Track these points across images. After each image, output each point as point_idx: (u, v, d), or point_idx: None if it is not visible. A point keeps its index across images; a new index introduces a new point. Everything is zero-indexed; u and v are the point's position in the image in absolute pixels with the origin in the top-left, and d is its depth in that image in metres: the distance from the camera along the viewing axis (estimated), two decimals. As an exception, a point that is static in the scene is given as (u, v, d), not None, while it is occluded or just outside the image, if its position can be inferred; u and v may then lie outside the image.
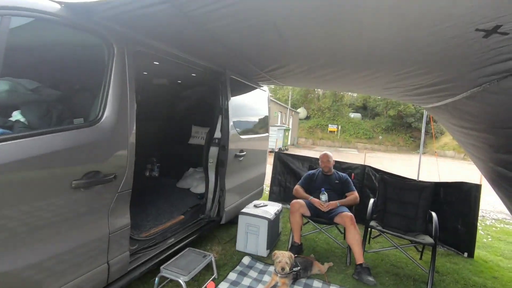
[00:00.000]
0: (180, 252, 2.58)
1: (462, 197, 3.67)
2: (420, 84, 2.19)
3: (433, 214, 3.12)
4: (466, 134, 2.70)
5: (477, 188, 3.57)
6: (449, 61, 1.68)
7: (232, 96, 3.26)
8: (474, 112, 2.07)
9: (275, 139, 15.83)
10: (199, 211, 3.21)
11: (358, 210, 4.14)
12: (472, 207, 3.59)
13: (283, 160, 5.11)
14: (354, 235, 2.85)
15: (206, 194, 3.23)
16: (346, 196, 3.41)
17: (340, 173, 3.62)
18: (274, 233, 3.35)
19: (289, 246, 3.25)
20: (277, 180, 5.14)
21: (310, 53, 2.13)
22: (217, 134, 3.18)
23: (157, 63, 2.88)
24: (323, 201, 3.25)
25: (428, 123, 23.87)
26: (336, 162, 4.60)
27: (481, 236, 4.40)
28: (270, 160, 4.90)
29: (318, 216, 3.26)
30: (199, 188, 3.82)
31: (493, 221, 5.51)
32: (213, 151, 3.18)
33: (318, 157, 3.90)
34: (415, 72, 1.98)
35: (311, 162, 4.75)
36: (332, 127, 27.13)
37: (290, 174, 5.04)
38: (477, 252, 3.63)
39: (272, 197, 5.13)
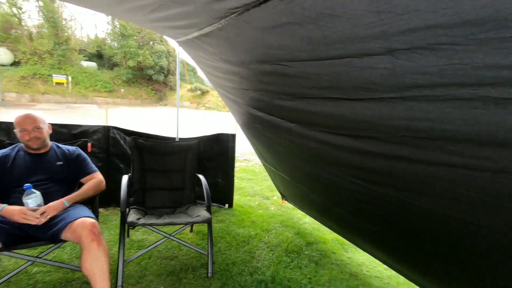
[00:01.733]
0: None
1: (220, 149, 3.47)
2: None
3: (202, 178, 2.57)
4: (228, 72, 2.18)
5: (232, 137, 3.47)
6: None
7: None
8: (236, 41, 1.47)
9: None
10: None
11: (111, 190, 2.89)
12: (229, 157, 3.50)
13: None
14: (97, 261, 1.60)
15: None
16: (81, 185, 2.02)
17: (65, 146, 2.09)
18: None
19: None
20: None
21: None
22: None
23: None
24: (31, 207, 1.68)
25: (166, 75, 25.17)
26: (63, 126, 2.91)
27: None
28: None
29: (26, 240, 1.67)
30: None
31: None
32: None
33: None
34: None
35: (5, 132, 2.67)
36: (59, 78, 20.94)
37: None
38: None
39: None
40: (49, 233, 1.68)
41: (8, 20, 21.59)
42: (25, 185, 1.68)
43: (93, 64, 24.37)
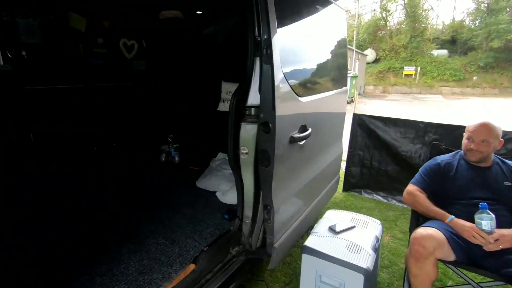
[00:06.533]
0: None
1: None
2: None
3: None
4: None
5: None
6: None
7: (282, 16, 1.28)
8: None
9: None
10: (229, 242, 1.48)
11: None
12: None
13: (366, 127, 2.99)
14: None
15: (240, 211, 1.49)
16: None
17: (509, 162, 1.59)
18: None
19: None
20: (358, 158, 3.11)
21: None
22: (253, 97, 1.30)
23: None
24: (484, 229, 1.34)
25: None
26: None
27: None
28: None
29: (474, 262, 1.39)
30: (231, 196, 1.93)
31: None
32: (248, 132, 1.34)
33: (436, 122, 2.25)
34: None
35: (437, 136, 2.44)
36: (408, 70, 19.92)
37: (380, 149, 2.98)
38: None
39: (350, 183, 3.13)
40: (496, 262, 1.31)
41: (377, 24, 23.33)
42: (481, 203, 1.37)
43: (443, 52, 21.26)
